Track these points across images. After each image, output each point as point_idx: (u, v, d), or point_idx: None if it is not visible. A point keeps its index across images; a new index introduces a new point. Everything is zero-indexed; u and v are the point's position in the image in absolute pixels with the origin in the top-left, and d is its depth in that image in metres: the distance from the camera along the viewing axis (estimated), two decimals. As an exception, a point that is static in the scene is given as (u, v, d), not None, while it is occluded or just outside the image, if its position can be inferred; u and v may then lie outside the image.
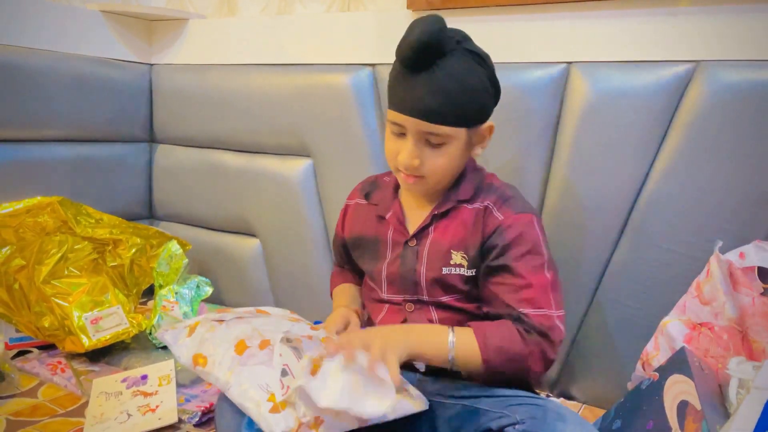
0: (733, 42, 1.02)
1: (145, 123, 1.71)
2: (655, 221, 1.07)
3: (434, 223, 0.95)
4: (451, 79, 0.86)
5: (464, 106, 0.87)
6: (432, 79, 0.85)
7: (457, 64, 0.86)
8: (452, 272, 0.92)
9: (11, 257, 1.26)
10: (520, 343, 0.84)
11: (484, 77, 0.89)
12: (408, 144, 0.89)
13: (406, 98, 0.88)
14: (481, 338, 0.85)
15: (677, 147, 1.05)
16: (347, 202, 1.10)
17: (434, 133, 0.88)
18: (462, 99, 0.87)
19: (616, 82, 1.09)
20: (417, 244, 0.95)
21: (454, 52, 0.87)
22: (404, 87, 0.88)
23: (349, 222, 1.07)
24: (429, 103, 0.86)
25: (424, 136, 0.89)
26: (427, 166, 0.90)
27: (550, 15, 1.16)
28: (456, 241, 0.93)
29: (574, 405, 1.16)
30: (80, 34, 1.56)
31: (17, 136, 1.45)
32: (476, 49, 0.90)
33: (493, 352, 0.84)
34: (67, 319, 1.22)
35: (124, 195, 1.69)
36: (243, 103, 1.53)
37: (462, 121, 0.88)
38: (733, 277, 0.92)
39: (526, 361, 0.84)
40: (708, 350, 0.93)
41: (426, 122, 0.87)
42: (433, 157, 0.90)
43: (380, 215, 1.01)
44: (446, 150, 0.90)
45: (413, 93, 0.87)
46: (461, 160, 0.93)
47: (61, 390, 1.15)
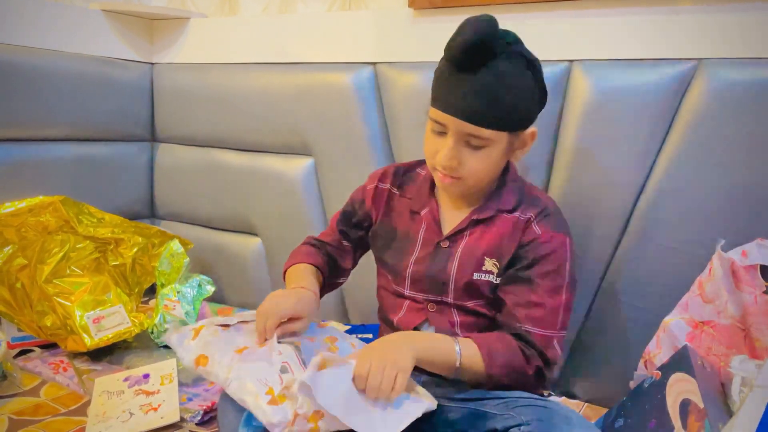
0: (735, 40, 1.02)
1: (147, 122, 1.71)
2: (657, 219, 1.06)
3: (470, 228, 0.94)
4: (499, 82, 0.84)
5: (509, 111, 0.85)
6: (479, 81, 0.84)
7: (506, 67, 0.84)
8: (482, 278, 0.92)
9: (13, 256, 1.26)
10: (522, 361, 0.87)
11: (532, 82, 0.87)
12: (448, 144, 0.88)
13: (451, 98, 0.86)
14: (485, 352, 0.86)
15: (679, 145, 1.05)
16: (379, 184, 1.04)
17: (476, 135, 0.86)
18: (507, 103, 0.85)
19: (617, 80, 1.09)
20: (450, 246, 0.94)
21: (503, 54, 0.84)
22: (449, 86, 0.86)
23: (379, 206, 1.03)
24: (474, 105, 0.84)
25: (465, 137, 0.87)
26: (466, 168, 0.89)
27: (552, 13, 1.16)
28: (491, 248, 0.92)
29: (576, 404, 1.16)
30: (82, 33, 1.56)
31: (19, 136, 1.45)
32: (526, 53, 0.87)
33: (497, 368, 0.86)
34: (69, 318, 1.22)
35: (126, 194, 1.69)
36: (244, 102, 1.53)
37: (505, 125, 0.87)
38: (736, 275, 0.92)
39: (527, 375, 0.87)
40: (710, 348, 0.93)
41: (469, 124, 0.85)
42: (473, 160, 0.88)
43: (414, 210, 0.99)
44: (486, 153, 0.88)
45: (458, 93, 0.85)
46: (500, 165, 0.93)
47: (64, 389, 1.15)
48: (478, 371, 0.86)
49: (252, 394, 0.79)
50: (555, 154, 1.16)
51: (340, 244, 1.08)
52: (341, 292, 1.45)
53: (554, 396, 1.17)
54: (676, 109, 1.05)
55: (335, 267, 1.07)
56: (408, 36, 1.32)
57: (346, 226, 1.08)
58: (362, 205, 1.05)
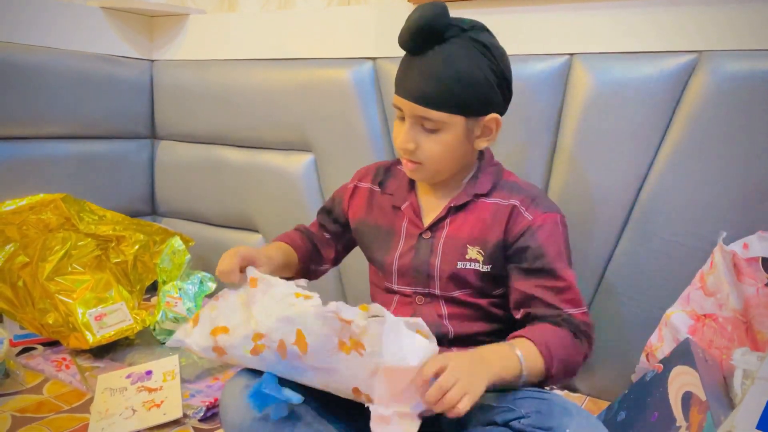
0: (735, 32, 1.02)
1: (147, 119, 1.71)
2: (658, 212, 1.06)
3: (450, 216, 0.94)
4: (446, 65, 0.85)
5: (459, 94, 0.86)
6: (426, 63, 0.86)
7: (455, 51, 0.85)
8: (467, 267, 0.91)
9: (15, 254, 1.26)
10: (577, 352, 0.85)
11: (486, 67, 0.87)
12: (404, 127, 0.90)
13: (403, 81, 0.89)
14: (545, 351, 0.82)
15: (680, 138, 1.04)
16: (358, 183, 1.05)
17: (427, 117, 0.87)
18: (456, 86, 0.85)
19: (618, 73, 1.09)
20: (432, 237, 0.94)
21: (455, 39, 0.86)
22: (403, 70, 0.89)
23: (358, 205, 1.04)
24: (422, 87, 0.86)
25: (419, 120, 0.88)
26: (423, 151, 0.90)
27: (552, 6, 1.16)
28: (473, 236, 0.92)
29: (578, 397, 1.16)
30: (81, 30, 1.56)
31: (19, 134, 1.45)
32: (485, 40, 0.88)
33: (556, 364, 0.83)
34: (71, 315, 1.22)
35: (127, 191, 1.69)
36: (244, 99, 1.53)
37: (457, 108, 0.87)
38: (737, 267, 0.92)
39: (577, 368, 0.86)
40: (712, 341, 0.93)
41: (418, 105, 0.87)
42: (428, 143, 0.89)
43: (395, 206, 0.99)
44: (441, 137, 0.89)
45: (409, 76, 0.88)
46: (461, 150, 0.92)
47: (66, 386, 1.15)
48: (538, 373, 0.83)
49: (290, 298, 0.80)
50: (556, 147, 1.16)
51: (322, 235, 1.09)
52: (342, 286, 1.45)
53: (556, 390, 1.17)
54: (677, 102, 1.05)
55: (317, 254, 1.08)
56: (408, 31, 1.32)
57: (324, 219, 1.09)
58: (340, 203, 1.07)
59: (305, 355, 0.78)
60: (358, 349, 0.76)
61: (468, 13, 0.99)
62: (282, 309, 0.80)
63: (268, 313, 0.80)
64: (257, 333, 0.80)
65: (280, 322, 0.78)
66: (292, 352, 0.78)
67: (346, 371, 0.77)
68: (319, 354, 0.78)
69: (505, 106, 0.93)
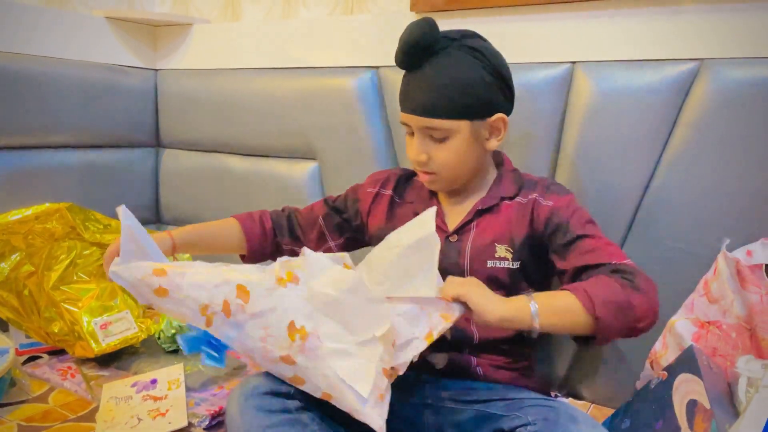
0: (737, 40, 1.02)
1: (152, 128, 1.72)
2: (661, 220, 1.06)
3: (476, 219, 0.96)
4: (441, 74, 0.89)
5: (458, 99, 0.89)
6: (423, 77, 0.90)
7: (448, 60, 0.90)
8: (497, 265, 0.93)
9: (21, 264, 1.27)
10: (628, 293, 0.81)
11: (481, 69, 0.90)
12: (415, 141, 0.93)
13: (405, 97, 0.93)
14: (581, 295, 0.81)
15: (682, 145, 1.05)
16: (381, 190, 1.06)
17: (433, 127, 0.90)
18: (454, 92, 0.89)
19: (620, 81, 1.09)
20: (458, 240, 0.96)
21: (446, 49, 0.90)
22: (404, 87, 0.94)
23: (380, 212, 1.04)
24: (422, 99, 0.90)
25: (426, 132, 0.92)
26: (435, 161, 0.92)
27: (554, 15, 1.17)
28: (501, 235, 0.94)
29: (582, 404, 1.16)
30: (86, 40, 1.57)
31: (24, 144, 1.46)
32: (474, 45, 0.91)
33: (600, 307, 0.80)
34: (77, 324, 1.23)
35: (132, 199, 1.69)
36: (248, 107, 1.54)
37: (458, 114, 0.90)
38: (741, 275, 0.92)
39: (635, 311, 0.81)
40: (716, 348, 0.93)
41: (423, 117, 0.90)
42: (440, 152, 0.92)
43: (418, 212, 1.00)
44: (451, 144, 0.91)
45: (410, 91, 0.92)
46: (473, 154, 0.94)
47: (72, 395, 1.15)
48: (577, 321, 0.81)
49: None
50: (559, 154, 1.16)
51: (315, 218, 1.09)
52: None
53: (561, 397, 1.17)
54: (679, 109, 1.05)
55: (291, 231, 1.10)
56: (410, 39, 1.33)
57: (331, 209, 1.10)
58: (357, 205, 1.07)
59: (247, 304, 0.82)
60: (294, 280, 0.82)
61: (469, 23, 1.00)
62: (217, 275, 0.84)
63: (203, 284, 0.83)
64: (202, 305, 0.83)
65: (218, 287, 0.82)
66: (236, 307, 0.82)
67: (285, 305, 0.81)
68: (259, 297, 0.82)
69: (510, 105, 0.96)
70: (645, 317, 0.82)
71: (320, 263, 0.84)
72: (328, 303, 0.80)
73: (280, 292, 0.82)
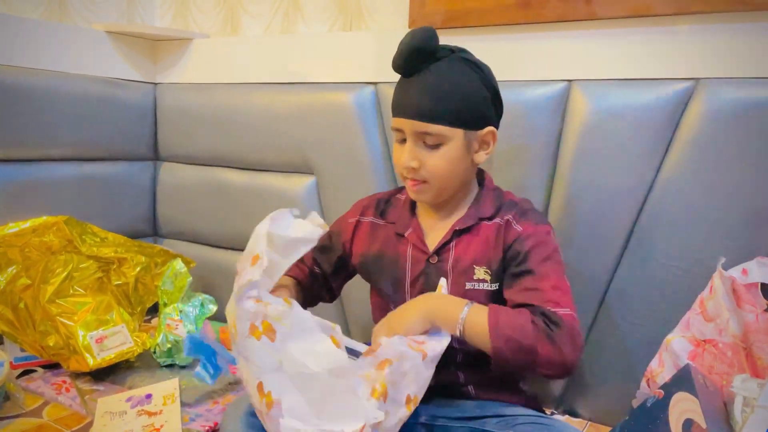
0: (732, 59, 1.03)
1: (150, 141, 1.73)
2: (657, 238, 1.07)
3: (455, 239, 0.95)
4: (442, 80, 0.89)
5: (456, 107, 0.89)
6: (422, 81, 0.90)
7: (448, 68, 0.90)
8: (476, 287, 0.92)
9: (17, 276, 1.26)
10: (534, 336, 0.80)
11: (478, 81, 0.91)
12: (407, 146, 0.92)
13: (402, 102, 0.92)
14: (492, 321, 0.82)
15: (678, 163, 1.05)
16: (361, 218, 1.06)
17: (428, 132, 0.90)
18: (453, 99, 0.89)
19: (616, 99, 1.10)
20: (439, 260, 0.95)
21: (446, 58, 0.91)
22: (399, 92, 0.93)
23: (362, 239, 1.04)
24: (421, 103, 0.89)
25: (420, 137, 0.91)
26: (427, 168, 0.91)
27: (551, 34, 1.18)
28: (479, 256, 0.93)
29: (579, 422, 1.16)
30: (85, 54, 1.58)
31: (23, 156, 1.46)
32: (472, 59, 0.92)
33: (502, 339, 0.80)
34: (72, 338, 1.22)
35: (129, 213, 1.70)
36: (246, 122, 1.54)
37: (455, 121, 0.90)
38: (737, 293, 0.92)
39: (533, 355, 0.80)
40: (713, 367, 0.93)
41: (419, 122, 0.89)
42: (431, 159, 0.91)
43: (399, 233, 1.00)
44: (443, 151, 0.91)
45: (406, 96, 0.91)
46: (462, 165, 0.93)
47: (66, 409, 1.15)
48: (483, 341, 0.82)
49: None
50: (555, 171, 1.17)
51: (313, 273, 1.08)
52: (342, 309, 1.45)
53: (557, 414, 1.17)
54: (674, 128, 1.06)
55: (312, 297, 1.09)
56: (408, 56, 1.34)
57: (319, 258, 1.08)
58: (339, 237, 1.07)
59: (234, 342, 0.77)
60: (270, 333, 0.73)
61: (467, 40, 1.01)
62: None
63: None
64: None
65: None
66: (232, 338, 0.78)
67: (257, 360, 0.74)
68: (240, 340, 0.75)
69: (498, 121, 0.96)
70: (549, 366, 0.80)
71: (305, 324, 0.74)
72: (302, 375, 0.72)
73: (252, 343, 0.74)
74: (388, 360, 0.74)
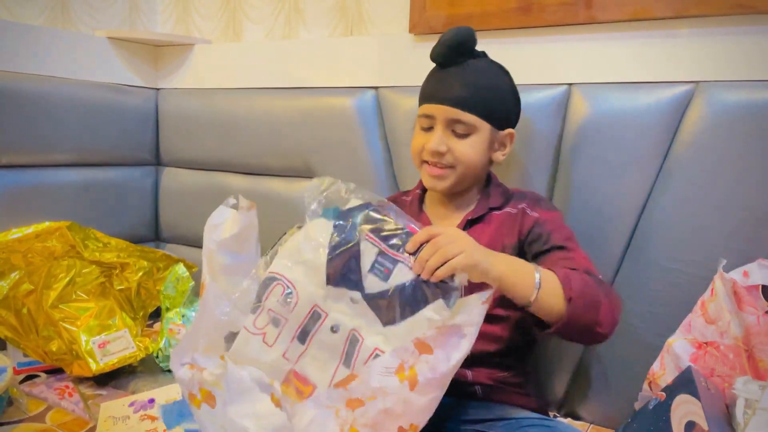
0: (732, 62, 1.03)
1: (152, 146, 1.73)
2: (658, 241, 1.07)
3: (467, 229, 0.97)
4: (481, 75, 0.96)
5: (491, 102, 0.96)
6: (463, 73, 0.96)
7: (486, 66, 0.98)
8: None
9: (20, 282, 1.27)
10: (600, 291, 0.83)
11: (508, 84, 1.00)
12: (436, 132, 0.95)
13: (438, 90, 0.97)
14: (562, 276, 0.81)
15: (679, 166, 1.06)
16: None
17: (461, 120, 0.94)
18: (489, 94, 0.96)
19: (617, 103, 1.11)
20: None
21: (481, 58, 0.99)
22: (436, 80, 0.98)
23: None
24: (459, 92, 0.94)
25: (451, 124, 0.95)
26: (454, 153, 0.95)
27: (551, 38, 1.18)
28: (491, 244, 0.92)
29: (581, 425, 1.16)
30: (88, 60, 1.59)
31: (26, 162, 1.47)
32: (499, 64, 1.01)
33: (576, 294, 0.80)
34: (75, 343, 1.23)
35: (131, 217, 1.70)
36: (248, 126, 1.55)
37: (487, 115, 0.95)
38: (738, 295, 0.92)
39: (600, 307, 0.82)
40: (714, 369, 0.93)
41: (455, 109, 0.94)
42: (460, 146, 0.95)
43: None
44: (471, 140, 0.95)
45: (445, 84, 0.96)
46: (484, 158, 0.98)
47: (69, 414, 1.15)
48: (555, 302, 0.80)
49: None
50: (557, 174, 1.17)
51: None
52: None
53: (559, 417, 1.17)
54: (674, 131, 1.06)
55: None
56: (409, 61, 1.34)
57: None
58: None
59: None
60: (209, 401, 0.70)
61: (469, 45, 1.01)
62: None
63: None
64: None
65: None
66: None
67: (202, 427, 0.71)
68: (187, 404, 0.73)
69: (515, 126, 1.02)
70: (605, 323, 0.82)
71: (241, 385, 0.70)
72: None
73: (195, 411, 0.72)
74: (358, 400, 0.65)
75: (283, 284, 0.78)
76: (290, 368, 0.74)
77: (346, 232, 0.77)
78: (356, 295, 0.75)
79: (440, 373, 0.69)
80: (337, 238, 0.77)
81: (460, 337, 0.71)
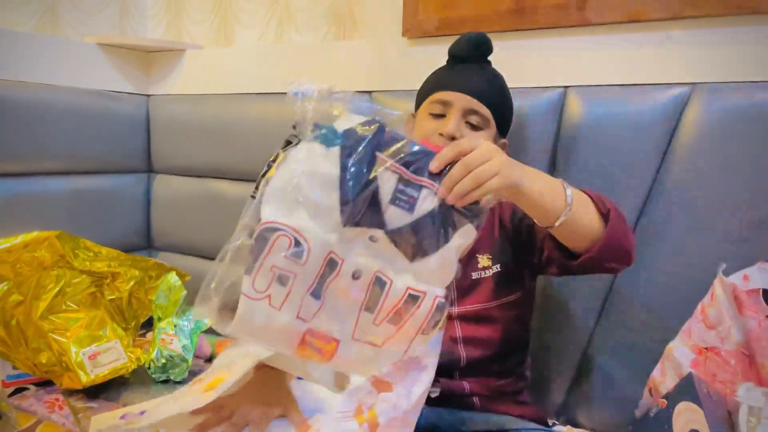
0: (728, 64, 1.03)
1: (143, 154, 1.71)
2: (657, 245, 1.06)
3: None
4: (496, 77, 1.00)
5: (502, 102, 0.98)
6: (482, 70, 0.99)
7: (496, 72, 1.02)
8: (482, 275, 0.95)
9: (8, 293, 1.24)
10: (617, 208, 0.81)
11: (509, 94, 1.02)
12: (452, 117, 0.94)
13: (458, 79, 0.97)
14: (596, 198, 0.80)
15: (677, 169, 1.04)
16: None
17: (478, 111, 0.94)
18: (501, 96, 0.99)
19: (612, 105, 1.10)
20: None
21: (490, 64, 1.02)
22: (455, 72, 0.99)
23: None
24: (479, 83, 0.96)
25: (467, 114, 0.95)
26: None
27: (547, 40, 1.17)
28: (479, 246, 0.95)
29: (581, 432, 1.15)
30: (77, 67, 1.57)
31: (14, 170, 1.45)
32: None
33: (613, 212, 0.78)
34: (65, 354, 1.20)
35: (123, 226, 1.68)
36: (240, 132, 1.53)
37: (498, 114, 0.97)
38: (738, 300, 0.91)
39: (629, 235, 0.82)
40: (715, 375, 0.92)
41: (473, 98, 0.94)
42: (473, 137, 0.94)
43: None
44: (482, 134, 0.96)
45: (464, 74, 0.98)
46: None
47: (60, 428, 1.12)
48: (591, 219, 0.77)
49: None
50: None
51: None
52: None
53: (559, 425, 1.15)
54: (672, 133, 1.05)
55: None
56: (402, 64, 1.33)
57: None
58: None
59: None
60: None
61: (462, 48, 1.01)
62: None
63: None
64: None
65: None
66: None
67: None
68: None
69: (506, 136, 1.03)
70: (633, 242, 0.83)
71: None
72: None
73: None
74: None
75: (288, 235, 0.65)
76: (306, 328, 0.66)
77: (356, 160, 0.65)
78: (377, 233, 0.64)
79: (402, 411, 0.64)
80: (349, 168, 0.65)
81: (420, 369, 0.66)
